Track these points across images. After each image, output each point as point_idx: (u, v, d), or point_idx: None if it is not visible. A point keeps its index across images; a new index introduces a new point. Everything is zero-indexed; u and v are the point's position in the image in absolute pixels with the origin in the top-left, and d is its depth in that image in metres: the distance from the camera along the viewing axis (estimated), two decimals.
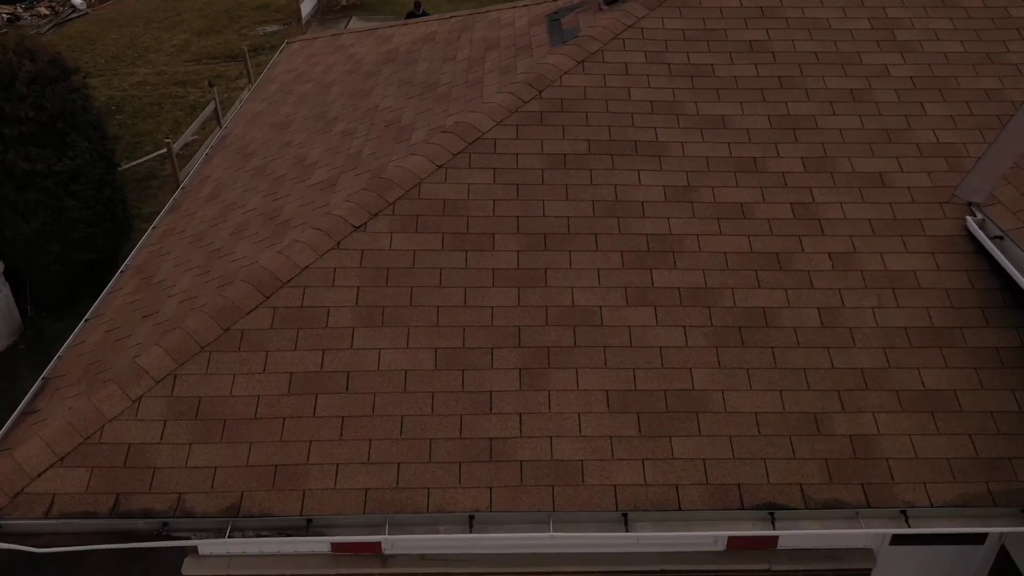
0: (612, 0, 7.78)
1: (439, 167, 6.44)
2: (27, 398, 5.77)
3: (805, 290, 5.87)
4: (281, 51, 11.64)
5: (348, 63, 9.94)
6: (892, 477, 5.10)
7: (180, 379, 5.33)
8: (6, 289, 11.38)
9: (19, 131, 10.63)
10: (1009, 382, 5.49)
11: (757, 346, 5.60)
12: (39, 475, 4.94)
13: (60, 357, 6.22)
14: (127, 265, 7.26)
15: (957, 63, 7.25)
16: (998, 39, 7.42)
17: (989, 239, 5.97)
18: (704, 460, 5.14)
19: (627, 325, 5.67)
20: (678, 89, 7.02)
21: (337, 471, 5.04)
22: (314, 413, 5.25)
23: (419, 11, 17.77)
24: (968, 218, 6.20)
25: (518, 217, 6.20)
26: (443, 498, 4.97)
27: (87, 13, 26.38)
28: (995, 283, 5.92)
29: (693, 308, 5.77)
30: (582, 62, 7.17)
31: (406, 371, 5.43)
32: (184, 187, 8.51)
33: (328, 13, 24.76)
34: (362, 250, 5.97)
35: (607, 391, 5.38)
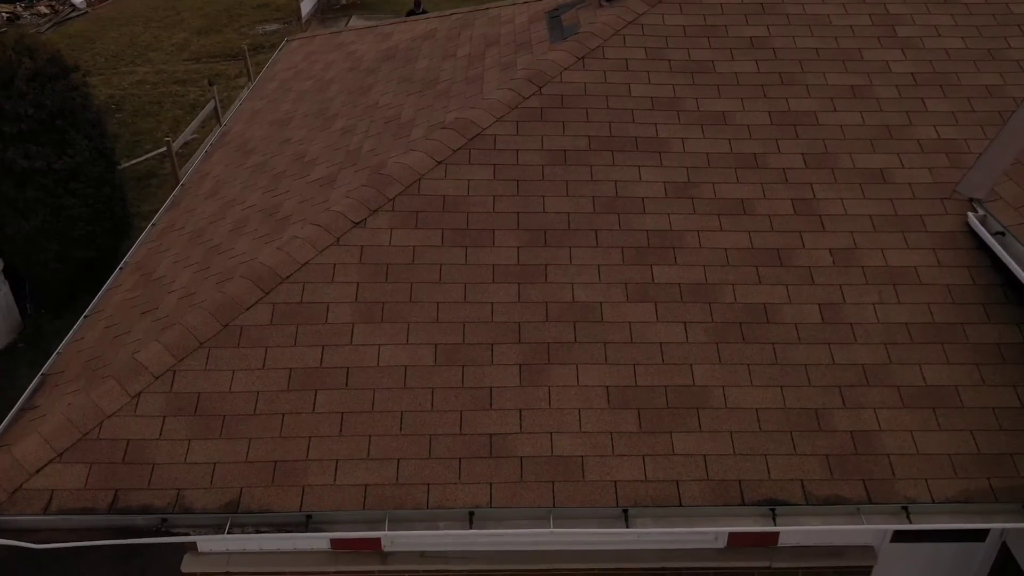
0: None
1: (439, 163, 6.43)
2: (26, 394, 5.75)
3: (806, 286, 5.86)
4: (281, 49, 11.62)
5: (348, 60, 9.92)
6: (893, 473, 5.08)
7: (179, 375, 5.32)
8: (5, 287, 11.36)
9: (18, 129, 10.61)
10: (1010, 378, 5.48)
11: (758, 342, 5.59)
12: (38, 471, 4.92)
13: (59, 354, 6.20)
14: (126, 262, 7.25)
15: (958, 59, 7.23)
16: (999, 35, 7.40)
17: (990, 235, 5.96)
18: (705, 456, 5.12)
19: (627, 321, 5.65)
20: (678, 85, 7.00)
21: (337, 467, 5.03)
22: (313, 409, 5.23)
23: (419, 9, 17.78)
24: (969, 214, 6.19)
25: (518, 213, 6.18)
26: (443, 494, 4.95)
27: (87, 12, 26.36)
28: (996, 279, 5.91)
29: (694, 304, 5.75)
30: (582, 58, 7.16)
31: (406, 367, 5.41)
32: (183, 184, 8.50)
33: (328, 12, 24.75)
34: (362, 246, 5.95)
35: (607, 387, 5.36)
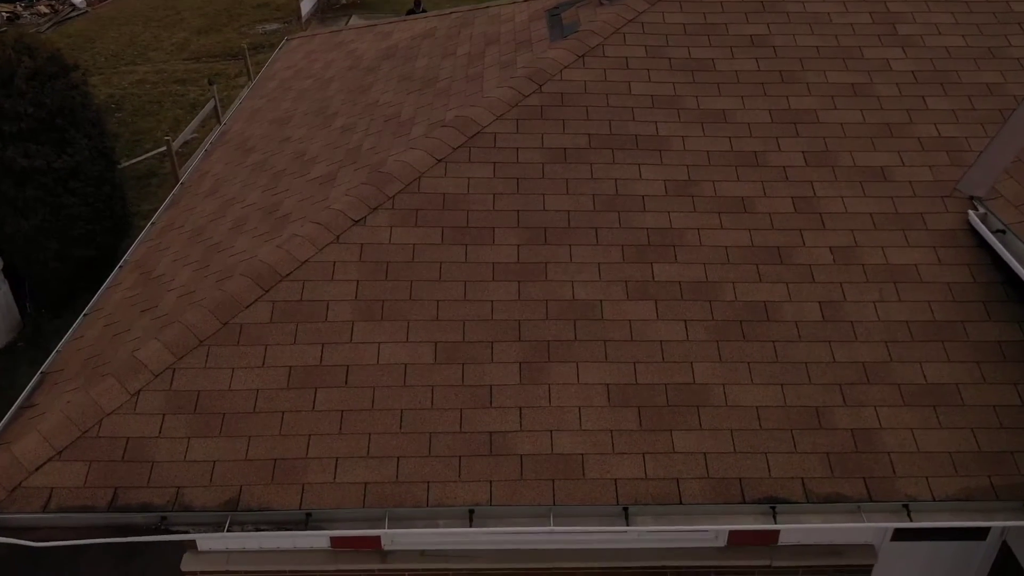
0: None
1: (439, 161, 6.42)
2: (25, 393, 5.75)
3: (806, 284, 5.85)
4: (281, 48, 11.62)
5: (348, 59, 9.91)
6: (894, 471, 5.07)
7: (179, 373, 5.31)
8: (5, 286, 11.36)
9: (18, 127, 10.61)
10: (1011, 376, 5.46)
11: (758, 340, 5.58)
12: (37, 469, 4.92)
13: (58, 352, 6.20)
14: (126, 260, 7.25)
15: (959, 57, 7.22)
16: (1000, 33, 7.39)
17: (991, 233, 5.95)
18: (705, 454, 5.11)
19: (628, 319, 5.65)
20: (679, 83, 6.99)
21: (336, 465, 5.02)
22: (313, 407, 5.22)
23: (419, 8, 17.78)
24: (970, 212, 6.18)
25: (518, 211, 6.17)
26: (443, 492, 4.94)
27: (87, 11, 26.37)
28: (997, 277, 5.90)
29: (694, 302, 5.74)
30: (582, 56, 7.15)
31: (406, 365, 5.40)
32: (183, 183, 8.49)
33: (328, 11, 24.76)
34: (361, 244, 5.94)
35: (608, 385, 5.35)
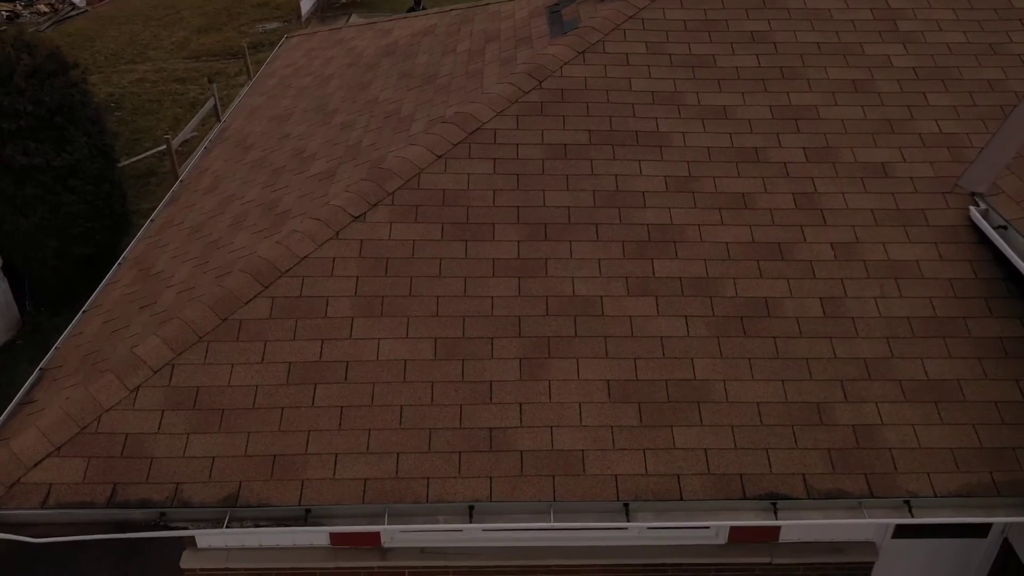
0: None
1: (439, 157, 6.40)
2: (24, 389, 5.73)
3: (807, 280, 5.83)
4: (280, 45, 11.60)
5: (347, 56, 9.90)
6: (895, 467, 5.06)
7: (178, 369, 5.30)
8: (4, 284, 11.34)
9: (17, 125, 10.59)
10: (1013, 372, 5.45)
11: (759, 336, 5.56)
12: (36, 465, 4.90)
13: (57, 348, 6.18)
14: (125, 257, 7.23)
15: (960, 53, 7.21)
16: (1001, 29, 7.37)
17: (992, 229, 5.93)
18: (706, 450, 5.10)
19: (628, 315, 5.63)
20: (679, 79, 6.98)
21: (336, 461, 5.00)
22: (313, 403, 5.21)
23: (419, 6, 17.77)
24: (971, 208, 6.16)
25: (518, 207, 6.15)
26: (443, 488, 4.93)
27: (87, 10, 26.36)
28: (998, 273, 5.88)
29: (694, 298, 5.72)
30: (583, 53, 7.13)
31: (405, 361, 5.39)
32: (182, 180, 8.48)
33: (328, 10, 24.75)
34: (361, 240, 5.93)
35: (608, 381, 5.34)
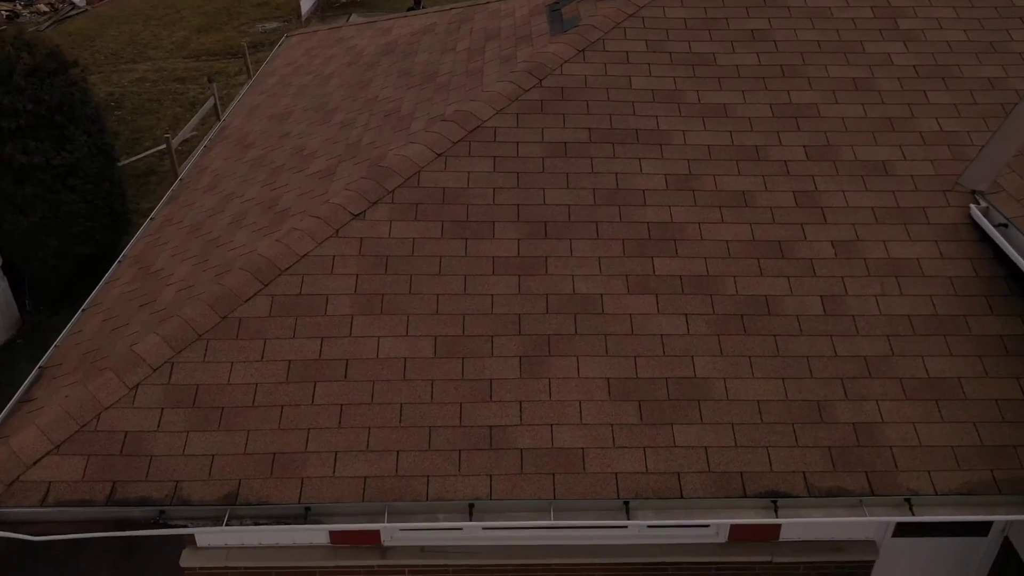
0: None
1: (439, 155, 6.40)
2: (23, 387, 5.72)
3: (807, 278, 5.82)
4: (280, 44, 11.59)
5: (347, 55, 9.89)
6: (896, 465, 5.05)
7: (177, 367, 5.29)
8: (4, 283, 11.33)
9: (17, 124, 10.58)
10: (1014, 370, 5.44)
11: (759, 334, 5.55)
12: (35, 463, 4.89)
13: (57, 346, 6.17)
14: (125, 255, 7.22)
15: (960, 52, 7.20)
16: (1001, 28, 7.37)
17: (993, 227, 5.93)
18: (706, 448, 5.09)
19: (628, 313, 5.62)
20: (679, 78, 6.97)
21: (336, 459, 5.00)
22: (312, 401, 5.20)
23: (419, 6, 17.77)
24: (972, 206, 6.15)
25: (518, 205, 6.15)
26: (443, 486, 4.92)
27: (86, 10, 26.34)
28: (999, 271, 5.87)
29: (695, 296, 5.72)
30: (583, 51, 7.12)
31: (405, 359, 5.38)
32: (182, 179, 8.47)
33: (328, 10, 24.74)
34: (361, 238, 5.92)
35: (608, 379, 5.33)
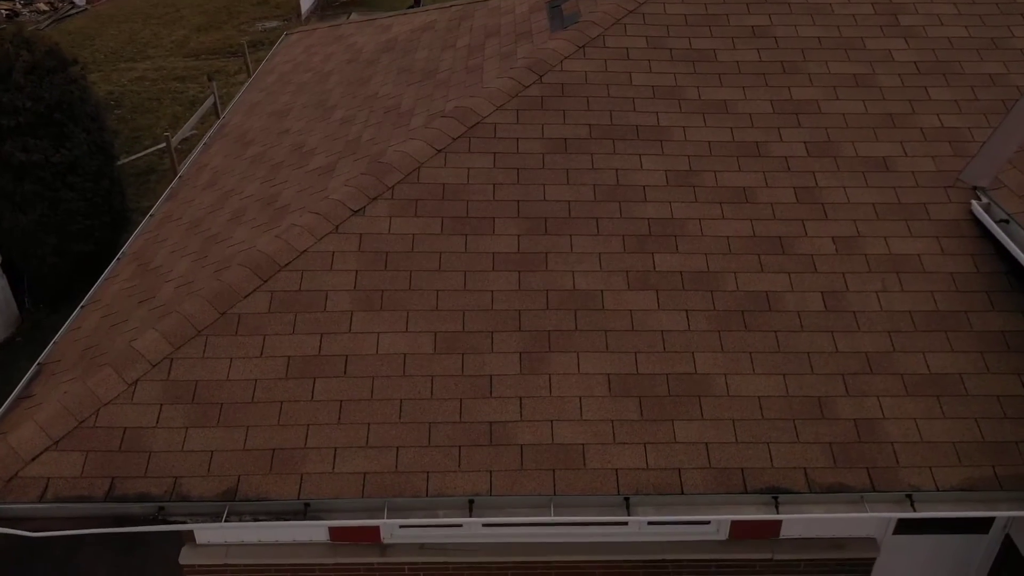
0: None
1: (439, 151, 6.38)
2: (22, 383, 5.71)
3: (808, 274, 5.81)
4: (280, 42, 11.57)
5: (347, 53, 9.87)
6: (897, 461, 5.04)
7: (176, 363, 5.27)
8: (3, 281, 11.31)
9: (16, 122, 10.57)
10: (1015, 366, 5.43)
11: (760, 330, 5.54)
12: (34, 459, 4.88)
13: (56, 343, 6.15)
14: (124, 252, 7.21)
15: (961, 48, 7.19)
16: (1002, 24, 7.36)
17: (994, 223, 5.92)
18: (707, 444, 5.08)
19: (628, 309, 5.61)
20: (680, 74, 6.95)
21: (335, 455, 4.98)
22: (312, 397, 5.18)
23: (420, 5, 17.76)
24: (973, 202, 6.14)
25: (518, 201, 6.13)
26: (442, 482, 4.90)
27: (86, 9, 26.31)
28: (1000, 267, 5.86)
29: (695, 292, 5.70)
30: (583, 47, 7.11)
31: (405, 355, 5.36)
32: (181, 176, 8.45)
33: (328, 9, 24.71)
34: (361, 234, 5.90)
35: (608, 375, 5.31)
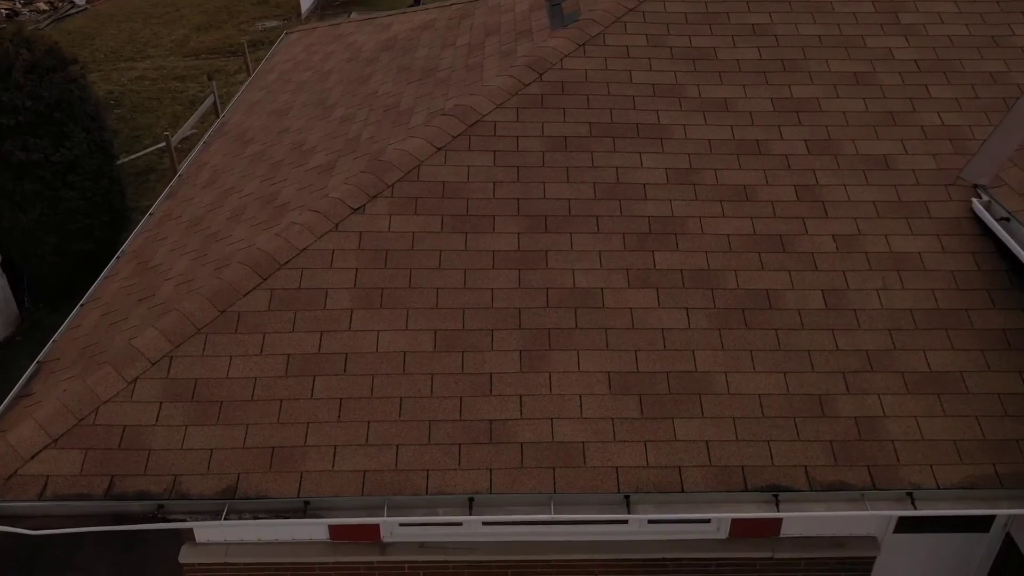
0: None
1: (439, 149, 6.37)
2: (21, 381, 5.70)
3: (809, 272, 5.80)
4: (280, 41, 11.56)
5: (347, 51, 9.86)
6: (898, 459, 5.03)
7: (176, 361, 5.27)
8: (3, 280, 11.30)
9: (16, 121, 10.56)
10: (1016, 364, 5.42)
11: (761, 328, 5.53)
12: (33, 457, 4.87)
13: (55, 341, 6.15)
14: (123, 251, 7.20)
15: (962, 46, 7.18)
16: (1003, 22, 7.34)
17: (995, 221, 5.91)
18: (707, 442, 5.07)
19: (629, 307, 5.60)
20: (680, 72, 6.94)
21: (335, 453, 4.97)
22: (312, 395, 5.18)
23: (420, 3, 17.75)
24: (974, 200, 6.13)
25: (518, 199, 6.12)
26: (442, 480, 4.90)
27: (86, 8, 26.30)
28: (1001, 265, 5.85)
29: (695, 290, 5.69)
30: (583, 45, 7.10)
31: (405, 353, 5.36)
32: (181, 174, 8.44)
33: (327, 8, 24.70)
34: (360, 232, 5.90)
35: (608, 373, 5.30)
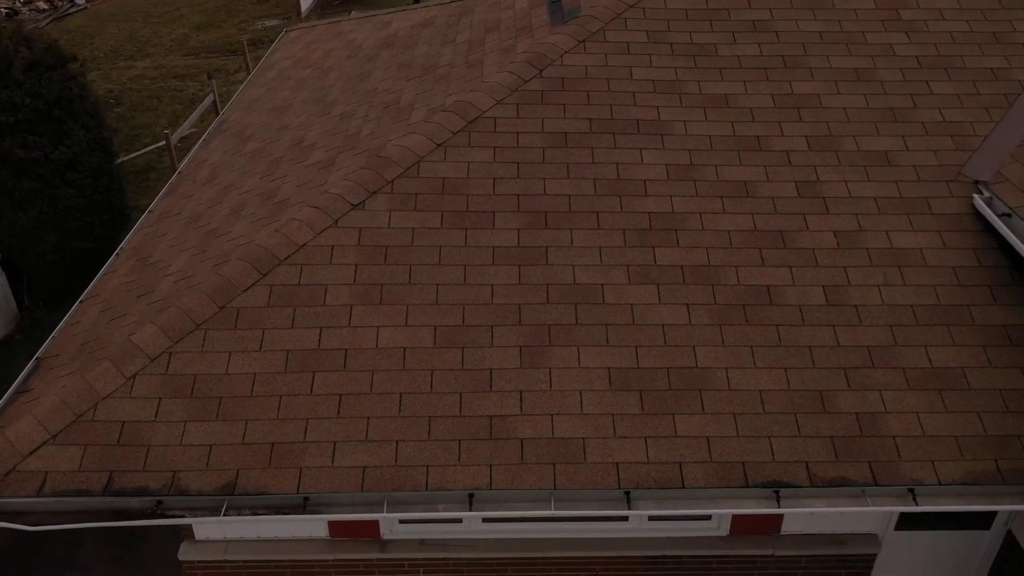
0: None
1: (438, 145, 6.36)
2: (20, 378, 5.68)
3: (810, 268, 5.78)
4: (280, 39, 11.55)
5: (347, 49, 9.85)
6: (899, 455, 5.01)
7: (175, 357, 5.25)
8: (2, 278, 11.28)
9: (15, 118, 10.52)
10: (1017, 359, 5.40)
11: (761, 324, 5.51)
12: (31, 453, 4.86)
13: (54, 338, 6.13)
14: (123, 247, 7.18)
15: (963, 42, 7.16)
16: (1004, 18, 7.33)
17: (996, 217, 5.89)
18: (708, 438, 5.05)
19: (629, 303, 5.58)
20: (680, 68, 6.93)
21: (334, 449, 4.96)
22: (311, 391, 5.16)
23: (420, 1, 17.74)
24: (975, 196, 6.12)
25: (518, 195, 6.11)
26: (442, 476, 4.88)
27: (86, 7, 26.29)
28: (1002, 261, 5.84)
29: (696, 286, 5.68)
30: (583, 41, 7.08)
31: (405, 349, 5.34)
32: (180, 172, 8.42)
33: (327, 7, 24.69)
34: (360, 228, 5.88)
35: (609, 369, 5.29)
